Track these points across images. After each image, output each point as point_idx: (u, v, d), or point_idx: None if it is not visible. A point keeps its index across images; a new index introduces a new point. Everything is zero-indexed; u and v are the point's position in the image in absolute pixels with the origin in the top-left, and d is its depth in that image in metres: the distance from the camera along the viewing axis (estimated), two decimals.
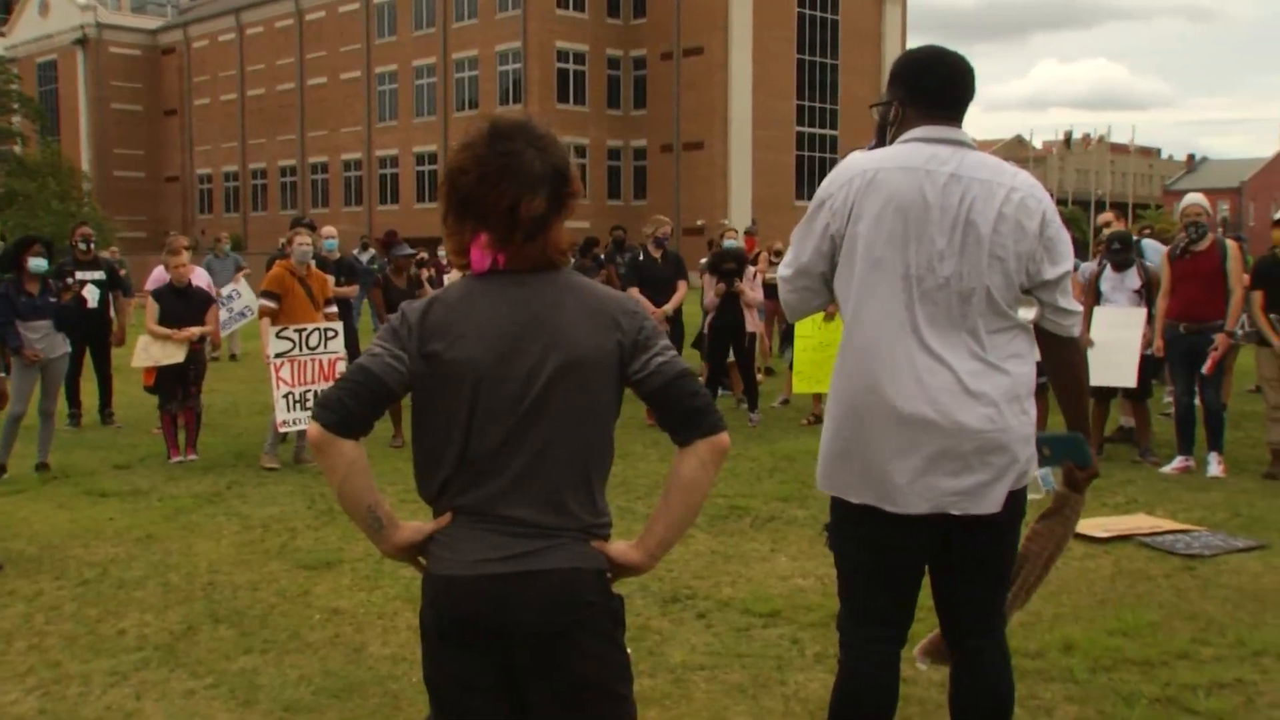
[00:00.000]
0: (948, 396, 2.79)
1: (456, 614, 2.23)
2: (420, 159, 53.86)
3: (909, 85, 2.98)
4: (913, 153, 2.87)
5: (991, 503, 2.86)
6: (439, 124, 52.46)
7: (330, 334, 8.75)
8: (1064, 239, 2.92)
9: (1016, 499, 2.94)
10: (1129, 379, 8.76)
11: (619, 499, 7.21)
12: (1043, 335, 2.98)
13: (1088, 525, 6.62)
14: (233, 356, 17.19)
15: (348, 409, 2.18)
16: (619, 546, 2.31)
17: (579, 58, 50.49)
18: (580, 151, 49.33)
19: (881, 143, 3.07)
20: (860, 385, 2.87)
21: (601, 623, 2.27)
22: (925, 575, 3.05)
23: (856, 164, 2.90)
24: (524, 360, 2.23)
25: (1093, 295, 9.16)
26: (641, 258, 11.12)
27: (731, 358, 10.92)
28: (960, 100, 2.96)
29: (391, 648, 4.74)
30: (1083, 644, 4.67)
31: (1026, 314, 2.91)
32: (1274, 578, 5.70)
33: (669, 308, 10.60)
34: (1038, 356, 3.00)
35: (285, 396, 8.51)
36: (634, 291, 10.64)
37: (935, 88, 2.95)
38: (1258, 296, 8.22)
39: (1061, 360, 3.04)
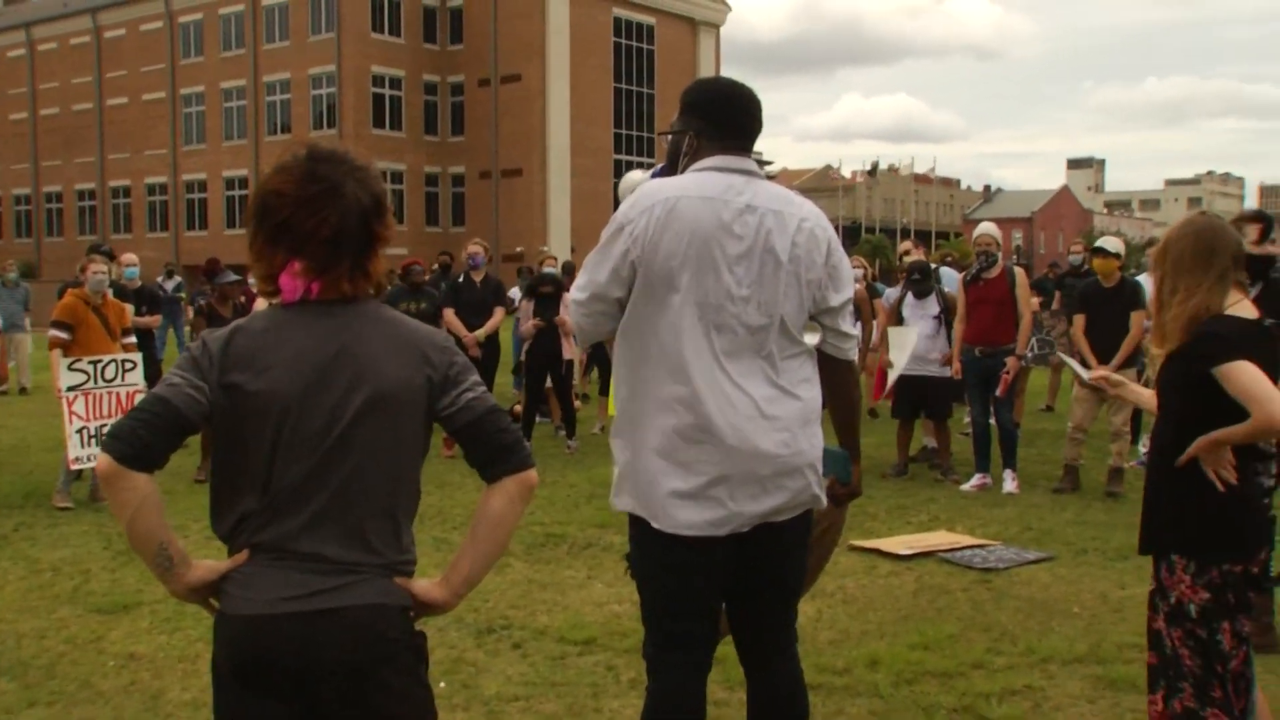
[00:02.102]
0: (747, 423, 2.86)
1: (254, 656, 2.15)
2: (230, 184, 52.16)
3: (703, 116, 3.03)
4: (711, 182, 2.92)
5: (787, 525, 2.96)
6: (249, 148, 50.96)
7: (128, 365, 8.36)
8: (846, 266, 3.06)
9: (806, 520, 3.04)
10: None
11: (435, 529, 7.09)
12: (824, 359, 3.10)
13: (892, 543, 6.88)
14: (22, 390, 16.24)
15: (141, 440, 2.08)
16: (423, 584, 2.28)
17: (395, 83, 49.87)
18: (397, 178, 48.68)
19: (673, 170, 3.11)
20: (659, 411, 2.90)
21: (406, 659, 2.24)
22: None
23: (658, 191, 2.92)
24: (331, 393, 2.18)
25: (894, 319, 9.56)
26: (461, 280, 11.04)
27: (549, 384, 10.94)
28: (752, 132, 3.04)
29: (192, 692, 4.54)
30: (887, 659, 4.83)
31: (811, 339, 3.02)
32: (1061, 588, 6.03)
33: (482, 333, 10.55)
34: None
35: (79, 432, 8.07)
36: (449, 314, 10.56)
37: (730, 119, 3.01)
38: (1080, 320, 8.69)
39: (838, 382, 3.16)
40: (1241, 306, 3.24)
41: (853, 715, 4.31)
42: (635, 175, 3.56)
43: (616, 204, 3.45)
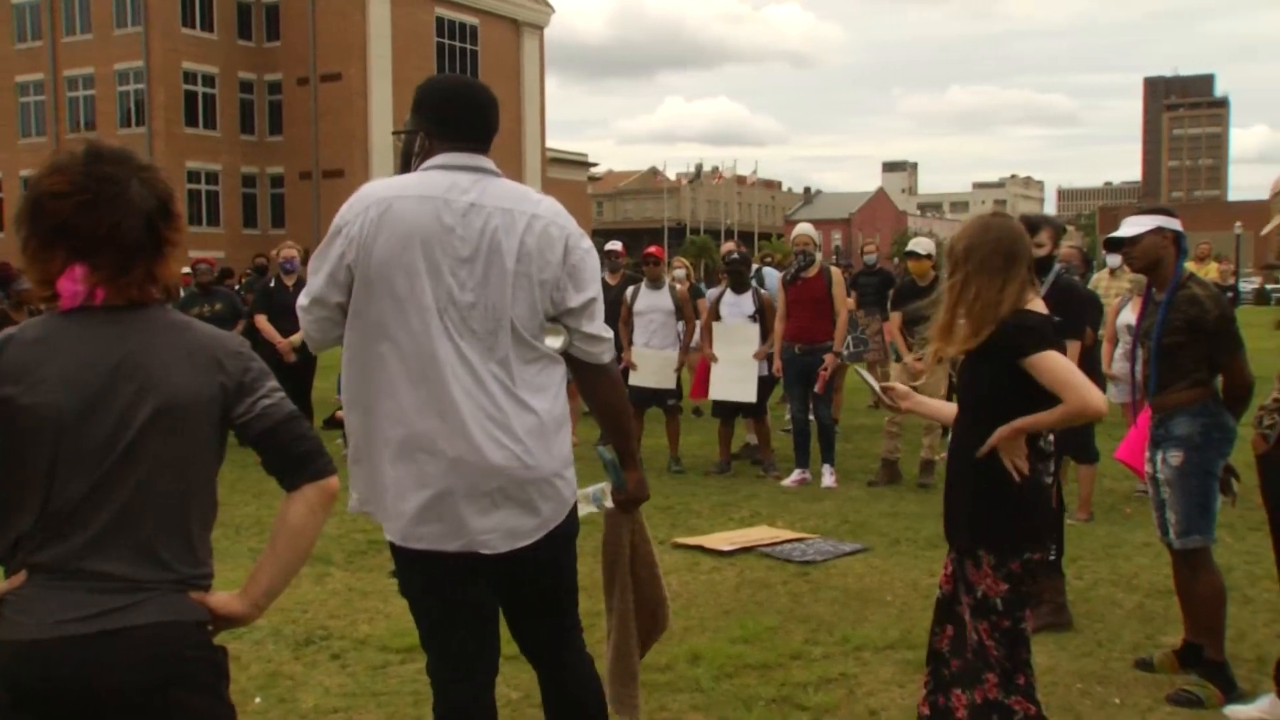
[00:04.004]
0: (478, 433, 2.75)
1: (35, 683, 2.03)
2: (28, 183, 49.23)
3: (432, 115, 2.93)
4: (432, 181, 2.82)
5: (521, 538, 2.84)
6: (49, 146, 48.31)
7: None
8: (589, 265, 2.93)
9: (562, 528, 2.93)
10: (750, 394, 9.36)
11: (252, 540, 6.86)
12: (575, 364, 2.98)
13: (714, 540, 7.00)
14: None
15: None
16: (220, 597, 2.20)
17: (208, 80, 48.06)
18: (212, 178, 47.01)
19: (407, 171, 3.01)
20: (384, 423, 2.80)
21: (205, 677, 2.16)
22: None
23: (372, 193, 2.82)
24: (114, 405, 2.08)
25: (713, 315, 9.73)
26: (273, 284, 10.75)
27: None
28: (486, 130, 2.93)
29: None
30: (708, 654, 4.91)
31: (554, 343, 2.90)
32: (875, 578, 6.23)
33: (297, 338, 10.29)
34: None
35: None
36: (261, 320, 10.27)
37: (460, 117, 2.91)
38: (896, 317, 8.98)
39: (596, 387, 3.04)
40: (1037, 304, 3.39)
41: (674, 711, 4.36)
42: (373, 183, 3.46)
43: None
